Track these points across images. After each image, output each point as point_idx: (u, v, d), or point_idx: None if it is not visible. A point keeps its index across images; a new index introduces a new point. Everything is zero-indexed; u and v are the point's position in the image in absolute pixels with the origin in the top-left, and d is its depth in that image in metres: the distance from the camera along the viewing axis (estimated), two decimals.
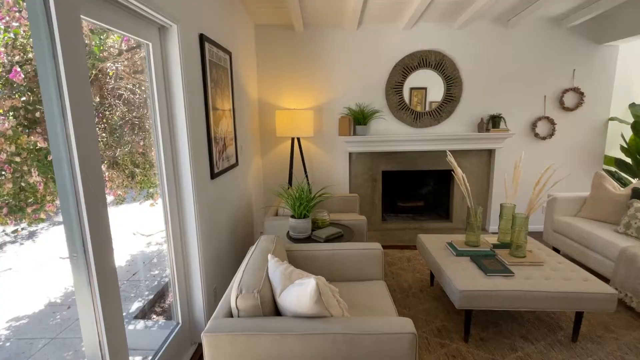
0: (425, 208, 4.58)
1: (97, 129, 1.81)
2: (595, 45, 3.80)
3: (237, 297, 1.42)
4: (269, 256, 1.67)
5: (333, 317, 1.42)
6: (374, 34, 3.82)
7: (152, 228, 2.56)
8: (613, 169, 4.03)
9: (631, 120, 3.99)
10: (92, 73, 1.81)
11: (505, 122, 3.92)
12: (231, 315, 1.46)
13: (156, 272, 2.82)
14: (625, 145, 3.88)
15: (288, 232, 2.53)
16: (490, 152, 4.05)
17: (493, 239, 2.69)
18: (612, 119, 3.94)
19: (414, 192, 4.67)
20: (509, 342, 2.15)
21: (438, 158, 4.03)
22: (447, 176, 4.26)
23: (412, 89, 3.97)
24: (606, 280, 2.86)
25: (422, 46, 3.84)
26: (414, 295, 2.70)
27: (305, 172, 3.82)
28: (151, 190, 2.27)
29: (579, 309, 2.03)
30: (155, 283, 2.73)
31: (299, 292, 1.41)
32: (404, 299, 2.66)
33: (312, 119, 3.65)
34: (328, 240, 2.40)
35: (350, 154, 4.07)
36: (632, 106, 3.89)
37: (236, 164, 2.95)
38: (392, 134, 3.93)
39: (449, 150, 3.99)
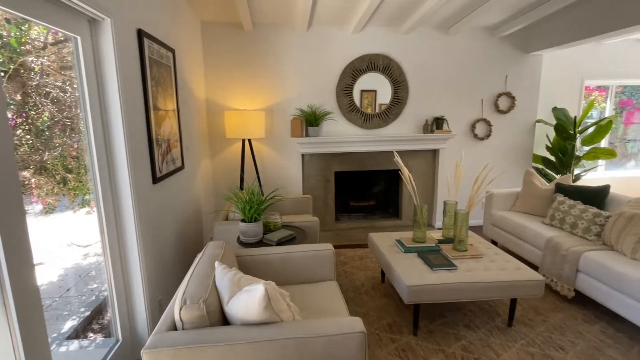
0: (377, 207, 4.71)
1: (21, 130, 1.62)
2: (523, 54, 4.17)
3: (181, 309, 1.34)
4: (216, 263, 1.60)
5: (283, 322, 1.40)
6: (324, 36, 3.85)
7: (90, 238, 2.35)
8: (540, 166, 4.46)
9: (554, 122, 4.43)
10: (9, 68, 1.61)
11: (447, 124, 4.17)
12: (175, 329, 1.38)
13: (94, 285, 2.59)
14: (549, 145, 4.31)
15: (239, 236, 2.46)
16: (434, 152, 4.28)
17: (438, 235, 2.84)
18: (538, 121, 4.35)
19: (366, 192, 4.79)
20: (454, 332, 2.27)
21: (387, 158, 4.17)
22: (396, 176, 4.42)
23: (362, 91, 4.06)
24: (536, 267, 3.14)
25: (370, 50, 3.95)
26: (366, 293, 2.76)
27: (258, 174, 3.75)
28: (87, 197, 2.08)
29: (513, 296, 2.20)
30: (93, 298, 2.50)
31: (248, 299, 1.37)
32: (356, 297, 2.70)
33: (263, 120, 3.59)
34: (280, 243, 2.37)
35: (303, 155, 4.07)
36: (555, 110, 4.32)
37: (182, 167, 2.81)
38: (343, 135, 3.99)
39: (397, 151, 4.15)
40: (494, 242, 3.64)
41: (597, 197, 2.96)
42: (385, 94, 4.08)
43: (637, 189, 4.96)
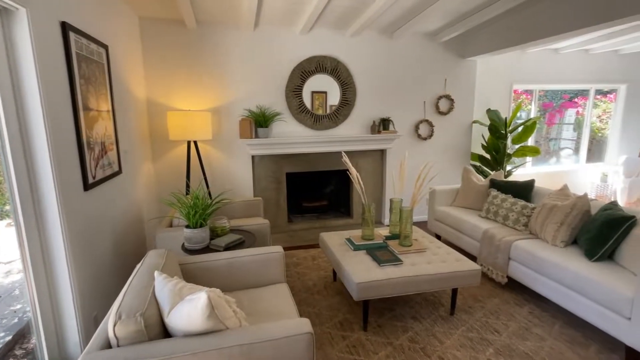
0: (329, 207, 4.77)
1: None
2: (460, 59, 4.47)
3: (115, 324, 1.25)
4: (156, 273, 1.51)
5: (229, 330, 1.36)
6: (271, 36, 3.82)
7: (12, 253, 2.10)
8: (478, 163, 4.81)
9: (488, 122, 4.80)
10: None
11: (393, 125, 4.34)
12: (110, 346, 1.28)
13: (18, 306, 2.33)
14: (485, 144, 4.67)
15: (183, 243, 2.35)
16: (382, 152, 4.43)
17: (385, 232, 2.94)
18: (475, 121, 4.70)
19: (318, 192, 4.83)
20: (401, 325, 2.37)
21: (338, 159, 4.24)
22: (347, 176, 4.51)
23: (313, 92, 4.09)
24: (475, 258, 3.38)
25: (318, 51, 3.99)
26: (319, 293, 2.78)
27: (205, 177, 3.61)
28: (7, 207, 1.86)
29: (453, 286, 2.35)
30: (16, 320, 2.25)
31: (190, 309, 1.31)
32: (308, 297, 2.71)
33: (209, 121, 3.47)
34: (228, 248, 2.30)
35: (253, 156, 3.99)
36: (489, 111, 4.69)
37: (119, 172, 2.62)
38: (294, 136, 3.99)
39: (347, 151, 4.23)
40: (438, 236, 3.86)
41: (524, 190, 3.26)
42: (335, 96, 4.14)
43: (558, 182, 5.54)
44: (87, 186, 2.05)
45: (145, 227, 3.29)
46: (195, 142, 3.56)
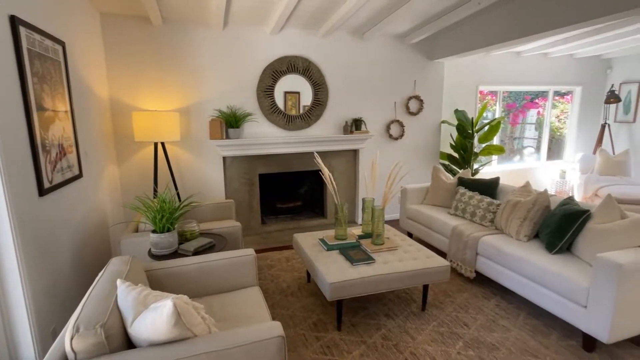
0: (304, 207, 4.76)
1: None
2: (428, 60, 4.58)
3: (72, 338, 1.18)
4: (118, 281, 1.44)
5: (197, 337, 1.32)
6: (242, 35, 3.75)
7: None
8: (447, 162, 4.95)
9: (456, 123, 4.96)
10: None
11: (365, 125, 4.39)
12: None
13: None
14: (453, 143, 4.82)
15: (150, 249, 2.26)
16: (355, 152, 4.47)
17: (358, 231, 2.97)
18: (443, 121, 4.84)
19: (292, 193, 4.80)
20: (375, 323, 2.40)
21: (312, 159, 4.23)
22: (321, 176, 4.51)
23: (286, 92, 4.06)
24: (445, 254, 3.47)
25: (290, 51, 3.97)
26: (293, 294, 2.76)
27: (174, 180, 3.50)
28: None
29: (424, 283, 2.40)
30: None
31: (155, 317, 1.25)
32: (282, 299, 2.69)
33: (178, 121, 3.36)
34: (197, 252, 2.24)
35: (224, 158, 3.91)
36: (456, 112, 4.84)
37: (80, 175, 2.48)
38: (266, 137, 3.94)
39: (320, 151, 4.24)
40: (410, 234, 3.94)
41: (490, 188, 3.39)
42: (308, 96, 4.13)
43: (522, 179, 5.81)
44: (42, 191, 1.92)
45: (110, 233, 3.15)
46: (162, 144, 3.44)
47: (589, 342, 2.09)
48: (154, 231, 2.18)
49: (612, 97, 5.41)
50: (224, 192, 3.96)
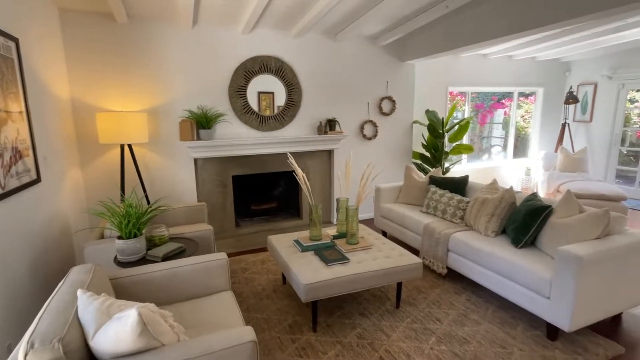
0: (279, 208, 4.72)
1: None
2: (399, 62, 4.67)
3: (26, 354, 1.10)
4: (79, 291, 1.37)
5: (165, 347, 1.27)
6: (212, 34, 3.67)
7: None
8: (419, 161, 5.06)
9: (427, 123, 5.08)
10: None
11: (339, 125, 4.41)
12: None
13: None
14: (425, 143, 4.93)
15: (116, 256, 2.16)
16: (329, 152, 4.49)
17: (334, 231, 2.97)
18: (415, 122, 4.94)
19: (267, 194, 4.75)
20: (350, 322, 2.41)
21: (286, 160, 4.21)
22: (295, 177, 4.49)
23: (260, 92, 4.01)
24: (418, 252, 3.55)
25: (262, 51, 3.92)
26: (268, 297, 2.73)
27: (142, 183, 3.37)
28: None
29: (398, 280, 2.44)
30: None
31: (118, 328, 1.20)
32: (257, 303, 2.65)
33: (146, 122, 3.25)
34: (167, 258, 2.17)
35: (195, 160, 3.81)
36: (427, 112, 4.96)
37: (38, 180, 2.34)
38: (239, 138, 3.88)
39: (295, 152, 4.22)
40: (384, 233, 3.99)
41: (459, 186, 3.50)
42: (282, 96, 4.10)
43: (490, 177, 6.04)
44: None
45: (74, 241, 2.99)
46: (129, 146, 3.31)
47: (553, 332, 2.19)
48: (119, 237, 2.09)
49: (571, 98, 5.73)
50: (196, 194, 3.86)
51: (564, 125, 5.96)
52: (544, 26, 2.90)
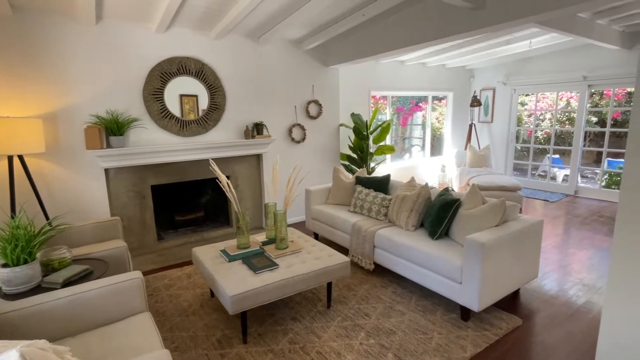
0: (207, 217, 4.50)
1: None
2: (324, 67, 4.78)
3: None
4: None
5: None
6: (121, 32, 3.35)
7: None
8: (347, 162, 5.24)
9: (352, 125, 5.29)
10: None
11: (267, 129, 4.36)
12: None
13: None
14: (351, 145, 5.12)
15: (1, 287, 1.84)
16: (258, 157, 4.41)
17: (262, 237, 2.92)
18: (341, 125, 5.10)
19: (193, 203, 4.50)
20: (282, 328, 2.38)
21: (211, 166, 4.02)
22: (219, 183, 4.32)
23: (182, 95, 3.77)
24: (347, 250, 3.66)
25: (180, 52, 3.70)
26: (194, 313, 2.57)
27: (40, 200, 2.94)
28: None
29: (328, 281, 2.48)
30: None
31: None
32: (183, 320, 2.48)
33: (41, 129, 2.84)
34: (69, 283, 1.91)
35: (106, 170, 3.45)
36: (352, 115, 5.15)
37: None
38: (157, 145, 3.60)
39: (221, 158, 4.06)
40: (316, 235, 4.04)
41: (382, 184, 3.69)
42: (206, 99, 3.91)
43: (412, 174, 6.50)
44: None
45: None
46: (20, 157, 2.86)
47: (465, 313, 2.42)
48: (4, 265, 1.78)
49: (475, 102, 6.44)
50: (109, 208, 3.48)
51: (470, 126, 6.67)
52: (448, 37, 3.20)
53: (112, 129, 3.31)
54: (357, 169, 5.12)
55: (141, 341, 1.64)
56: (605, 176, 5.92)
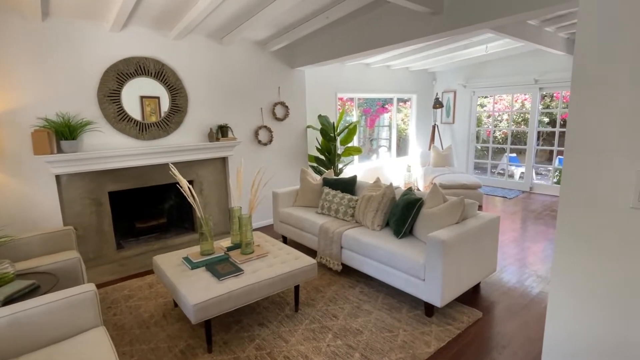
0: (170, 224, 4.34)
1: None
2: (290, 68, 4.77)
3: None
4: None
5: None
6: (72, 29, 3.16)
7: None
8: (315, 164, 5.25)
9: (320, 127, 5.30)
10: None
11: (232, 132, 4.27)
12: None
13: None
14: (319, 146, 5.14)
15: None
16: (224, 160, 4.31)
17: (228, 243, 2.85)
18: (308, 126, 5.11)
19: (155, 209, 4.32)
20: (248, 335, 2.33)
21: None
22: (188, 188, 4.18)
23: (143, 97, 3.61)
24: (315, 252, 3.65)
25: (138, 52, 3.54)
26: (156, 324, 2.46)
27: None
28: None
29: (295, 284, 2.46)
30: None
31: None
32: (143, 333, 2.37)
33: None
34: (12, 300, 1.76)
35: (58, 176, 3.23)
36: (320, 117, 5.17)
37: None
38: (114, 149, 3.42)
39: (182, 162, 3.93)
40: (285, 238, 4.01)
41: (349, 185, 3.73)
42: (167, 101, 3.77)
43: (379, 174, 6.63)
44: None
45: None
46: None
47: (429, 309, 2.49)
48: None
49: (437, 104, 6.67)
50: (62, 218, 3.27)
51: (434, 127, 6.91)
52: (400, 42, 3.31)
53: (64, 132, 3.11)
54: (326, 171, 5.14)
55: (94, 358, 1.54)
56: (557, 173, 6.33)
